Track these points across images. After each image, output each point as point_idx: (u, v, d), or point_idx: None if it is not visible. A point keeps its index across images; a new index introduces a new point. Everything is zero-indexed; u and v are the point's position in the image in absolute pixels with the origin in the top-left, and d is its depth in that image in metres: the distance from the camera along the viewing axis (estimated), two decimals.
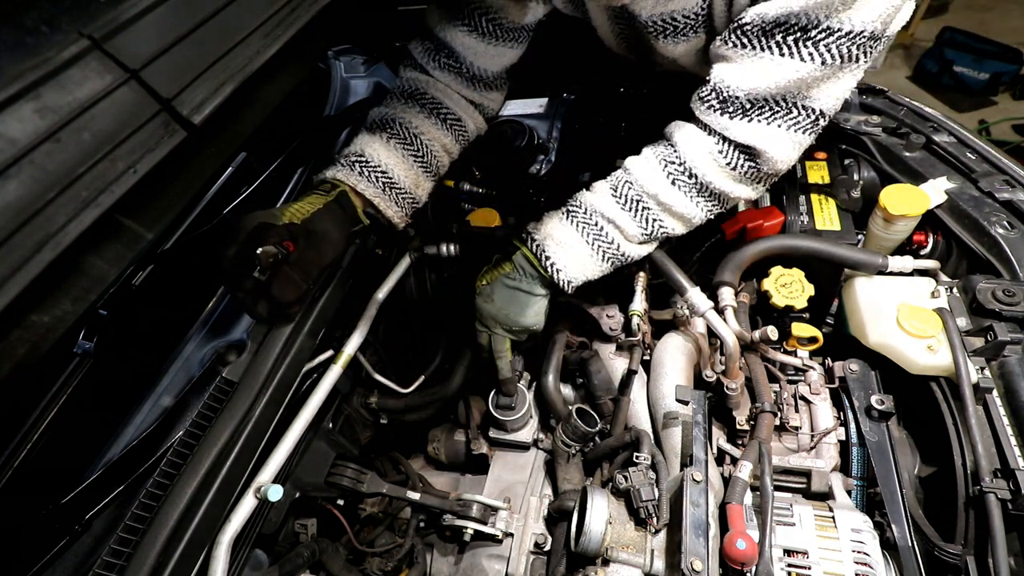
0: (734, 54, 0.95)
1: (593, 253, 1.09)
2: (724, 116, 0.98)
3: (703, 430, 1.03)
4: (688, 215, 1.07)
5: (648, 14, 1.05)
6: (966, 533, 0.94)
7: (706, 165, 1.03)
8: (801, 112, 0.95)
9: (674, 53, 1.13)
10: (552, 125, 1.74)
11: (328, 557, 1.03)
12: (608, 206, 1.08)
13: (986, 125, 3.94)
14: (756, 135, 0.97)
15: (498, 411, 1.15)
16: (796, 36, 0.88)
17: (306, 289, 0.93)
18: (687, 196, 1.05)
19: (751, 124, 0.97)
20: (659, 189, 1.05)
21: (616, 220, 1.07)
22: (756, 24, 0.90)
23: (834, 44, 0.87)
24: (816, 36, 0.87)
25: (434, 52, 1.12)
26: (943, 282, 1.17)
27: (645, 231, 1.08)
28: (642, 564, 0.89)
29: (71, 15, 0.57)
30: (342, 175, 1.04)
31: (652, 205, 1.07)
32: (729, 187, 1.04)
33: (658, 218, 1.07)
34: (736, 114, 0.97)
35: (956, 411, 1.02)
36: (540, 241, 1.09)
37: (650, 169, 1.07)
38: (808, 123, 0.96)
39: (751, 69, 0.93)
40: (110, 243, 0.63)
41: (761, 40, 0.91)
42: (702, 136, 1.03)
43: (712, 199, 1.07)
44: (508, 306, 1.11)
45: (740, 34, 0.93)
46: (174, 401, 1.06)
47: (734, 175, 1.03)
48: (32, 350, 0.57)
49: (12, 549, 0.91)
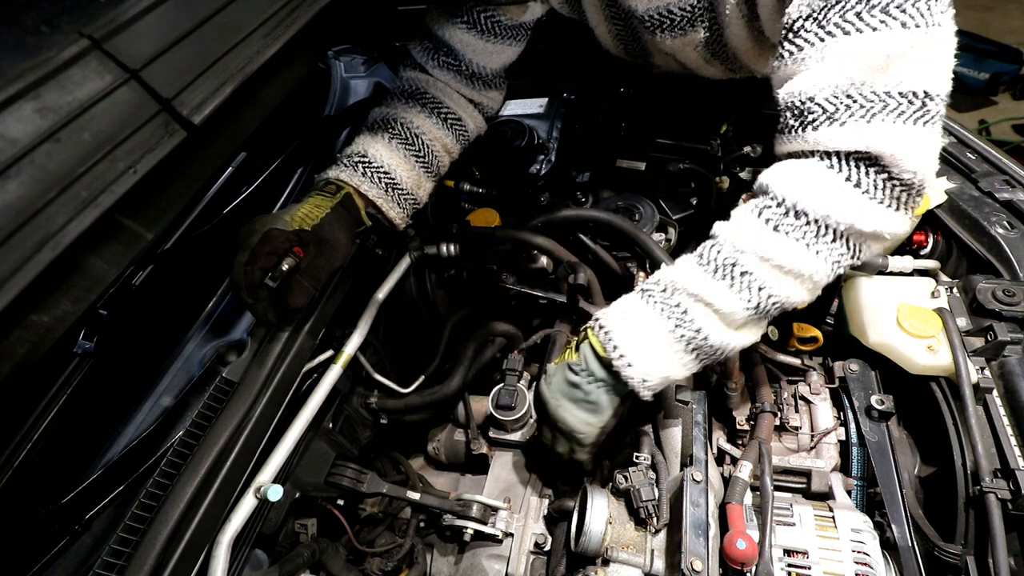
0: (795, 64, 0.79)
1: (674, 343, 0.84)
2: (809, 129, 0.78)
3: (703, 430, 1.03)
4: (805, 270, 0.80)
5: (644, 8, 1.04)
6: (966, 533, 0.94)
7: (816, 191, 0.78)
8: (899, 100, 0.74)
9: (672, 48, 1.12)
10: (552, 125, 1.74)
11: (328, 557, 1.02)
12: (693, 277, 0.83)
13: (986, 125, 3.93)
14: (859, 136, 0.75)
15: (498, 411, 1.15)
16: (857, 9, 0.72)
17: (314, 294, 0.95)
18: (798, 242, 0.79)
19: (844, 127, 0.75)
20: (758, 240, 0.80)
21: (705, 295, 0.82)
22: (804, 15, 0.76)
23: (908, 3, 0.71)
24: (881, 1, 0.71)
25: (433, 51, 1.12)
26: (943, 282, 1.17)
27: (749, 304, 0.81)
28: (642, 564, 0.89)
29: (71, 15, 0.57)
30: (345, 176, 1.04)
31: (751, 264, 0.81)
32: (858, 214, 0.77)
33: (763, 282, 0.81)
34: (821, 122, 0.77)
35: (956, 411, 1.02)
36: (608, 327, 0.87)
37: (742, 221, 0.84)
38: (916, 110, 0.74)
39: (819, 67, 0.76)
40: (110, 243, 0.63)
41: (818, 31, 0.75)
42: (797, 163, 0.82)
43: (838, 240, 0.79)
44: (562, 400, 0.93)
45: (792, 37, 0.78)
46: (174, 401, 1.06)
47: (858, 195, 0.77)
48: (32, 350, 0.57)
49: (12, 549, 0.91)
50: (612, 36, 1.22)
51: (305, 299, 0.93)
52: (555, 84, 1.81)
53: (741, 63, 1.16)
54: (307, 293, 0.93)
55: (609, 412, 0.91)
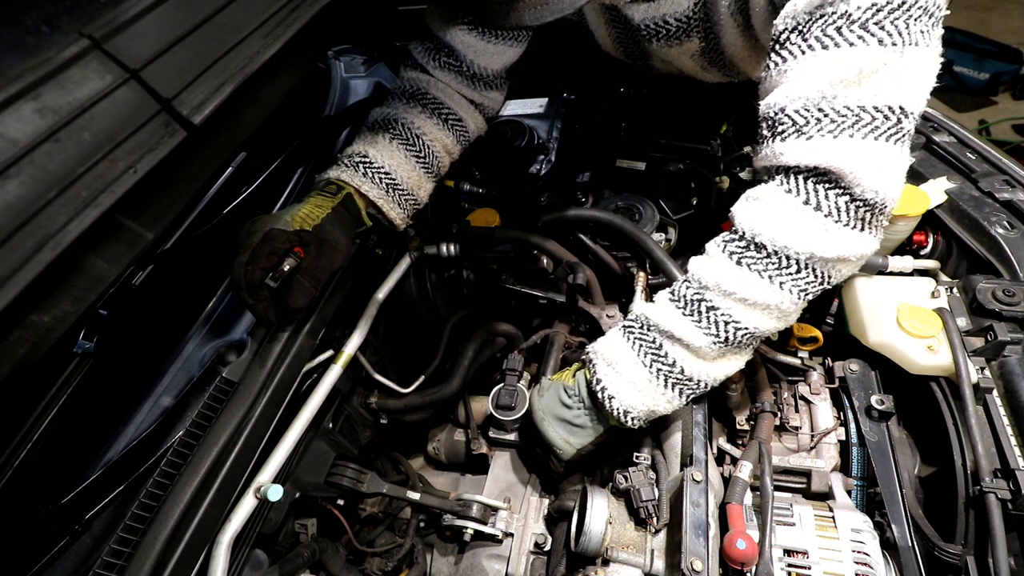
0: (779, 76, 0.79)
1: (652, 378, 0.88)
2: (776, 140, 0.79)
3: (703, 430, 1.03)
4: (769, 301, 0.81)
5: (640, 17, 1.05)
6: (966, 533, 0.94)
7: (773, 222, 0.78)
8: (874, 115, 0.73)
9: (669, 56, 1.13)
10: (552, 125, 1.74)
11: (328, 557, 1.02)
12: (665, 315, 0.88)
13: (986, 125, 3.93)
14: (821, 152, 0.74)
15: (498, 411, 1.15)
16: (838, 24, 0.72)
17: (314, 294, 0.95)
18: (761, 276, 0.80)
19: (811, 141, 0.75)
20: (720, 275, 0.82)
21: (675, 331, 0.86)
22: (790, 27, 0.77)
23: (887, 20, 0.71)
24: (860, 16, 0.71)
25: (434, 51, 1.12)
26: (943, 282, 1.17)
27: (717, 338, 0.84)
28: (642, 564, 0.89)
29: (71, 15, 0.57)
30: (346, 176, 1.04)
31: (716, 300, 0.83)
32: (816, 241, 0.76)
33: (729, 316, 0.83)
34: (789, 134, 0.77)
35: (956, 411, 1.02)
36: (595, 361, 0.94)
37: (708, 256, 0.87)
38: (889, 127, 0.73)
39: (795, 78, 0.76)
40: (110, 243, 0.63)
41: (800, 44, 0.76)
42: (759, 189, 0.83)
43: (801, 271, 0.79)
44: (547, 416, 1.00)
45: (779, 48, 0.79)
46: (174, 401, 1.06)
47: (819, 219, 0.76)
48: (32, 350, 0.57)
49: (12, 549, 0.91)
50: (612, 39, 1.22)
51: (306, 299, 0.93)
52: (555, 84, 1.81)
53: (739, 69, 1.16)
54: (308, 293, 0.93)
55: (590, 437, 0.98)
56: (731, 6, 0.97)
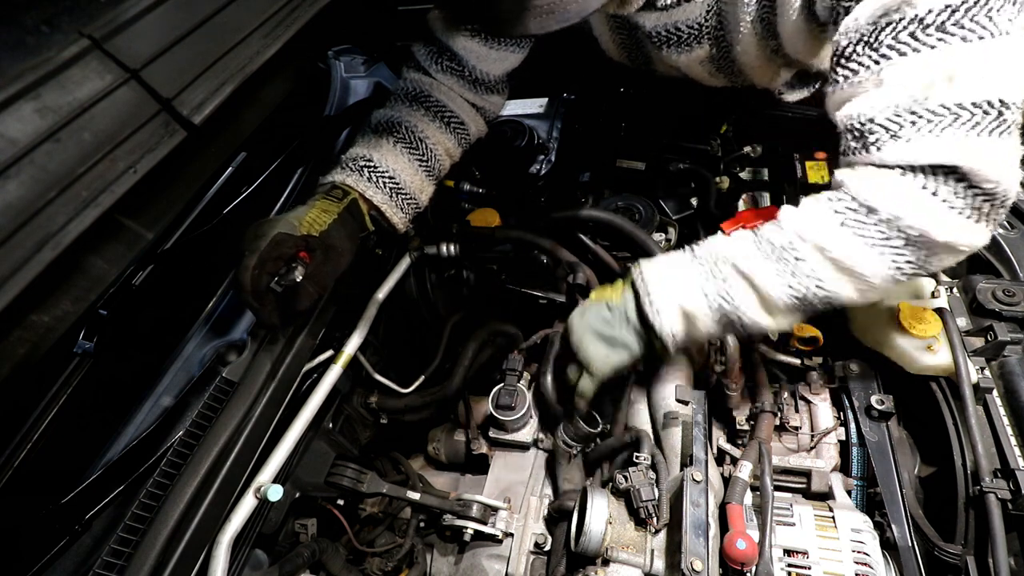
0: (851, 88, 0.77)
1: (708, 312, 0.86)
2: (873, 150, 0.76)
3: (703, 430, 1.03)
4: (862, 269, 0.77)
5: (652, 25, 1.04)
6: (966, 533, 0.94)
7: (891, 193, 0.75)
8: (973, 111, 0.71)
9: (678, 63, 1.12)
10: (552, 125, 1.74)
11: (328, 557, 1.02)
12: (746, 253, 0.83)
13: None
14: (929, 149, 0.72)
15: (498, 411, 1.15)
16: (911, 30, 0.71)
17: (318, 299, 0.94)
18: (863, 239, 0.76)
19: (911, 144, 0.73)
20: (820, 230, 0.79)
21: (752, 273, 0.82)
22: (854, 40, 0.75)
23: (965, 18, 0.68)
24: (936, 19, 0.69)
25: (437, 55, 1.12)
26: (943, 282, 1.17)
27: (794, 292, 0.80)
28: (642, 564, 0.89)
29: (71, 15, 0.57)
30: (351, 180, 1.03)
31: (808, 253, 0.79)
32: (931, 221, 0.74)
33: (816, 273, 0.79)
34: (884, 141, 0.75)
35: (956, 411, 1.02)
36: (646, 274, 0.90)
37: (808, 208, 0.82)
38: (991, 121, 0.71)
39: (877, 90, 0.74)
40: (110, 243, 0.63)
41: (871, 55, 0.74)
42: (875, 168, 0.78)
43: (906, 248, 0.76)
44: (588, 331, 0.96)
45: (845, 62, 0.77)
46: (174, 401, 1.06)
47: (936, 202, 0.74)
48: (32, 350, 0.57)
49: (12, 549, 0.91)
50: (616, 45, 1.22)
51: (309, 303, 0.92)
52: (555, 84, 1.81)
53: (746, 76, 1.16)
54: (311, 298, 0.92)
55: (629, 355, 0.94)
56: (752, 14, 0.96)
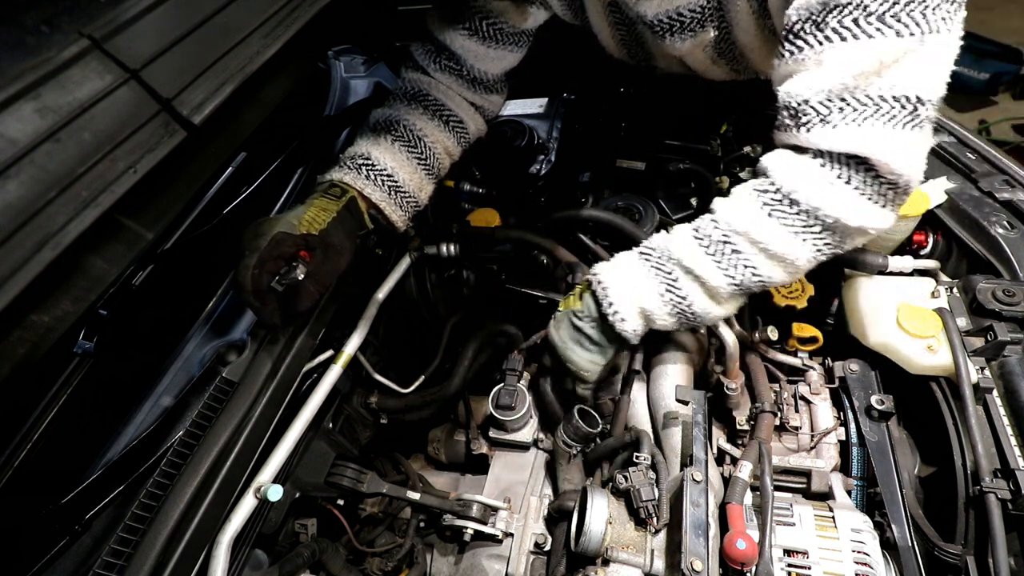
0: (795, 64, 0.82)
1: (661, 306, 0.95)
2: (803, 130, 0.83)
3: (703, 430, 1.03)
4: (789, 255, 0.87)
5: (654, 12, 1.04)
6: (966, 533, 0.94)
7: (809, 184, 0.84)
8: (892, 104, 0.77)
9: (681, 51, 1.12)
10: (552, 125, 1.74)
11: (328, 557, 1.02)
12: (687, 249, 0.92)
13: (986, 125, 3.93)
14: (848, 139, 0.79)
15: (498, 411, 1.15)
16: (855, 15, 0.74)
17: (318, 298, 0.95)
18: (788, 228, 0.86)
19: (836, 130, 0.80)
20: (751, 223, 0.87)
21: (695, 268, 0.91)
22: (804, 18, 0.79)
23: (903, 11, 0.72)
24: (877, 8, 0.73)
25: (435, 54, 1.12)
26: (943, 282, 1.17)
27: (733, 280, 0.90)
28: (642, 564, 0.89)
29: (71, 15, 0.57)
30: (349, 178, 1.03)
31: (742, 245, 0.89)
32: (845, 209, 0.83)
33: (750, 262, 0.89)
34: (814, 124, 0.81)
35: (956, 411, 1.02)
36: (604, 282, 0.98)
37: (739, 202, 0.91)
38: (906, 115, 0.77)
39: (816, 70, 0.80)
40: (110, 243, 0.63)
41: (816, 35, 0.78)
42: (795, 155, 0.87)
43: (824, 232, 0.86)
44: (568, 342, 1.04)
45: (793, 38, 0.81)
46: (174, 401, 1.06)
47: (848, 191, 0.83)
48: (32, 350, 0.57)
49: (12, 549, 0.91)
50: (616, 41, 1.22)
51: (310, 303, 0.93)
52: (555, 84, 1.81)
53: (748, 62, 1.16)
54: (312, 297, 0.93)
55: (611, 352, 1.03)
56: None
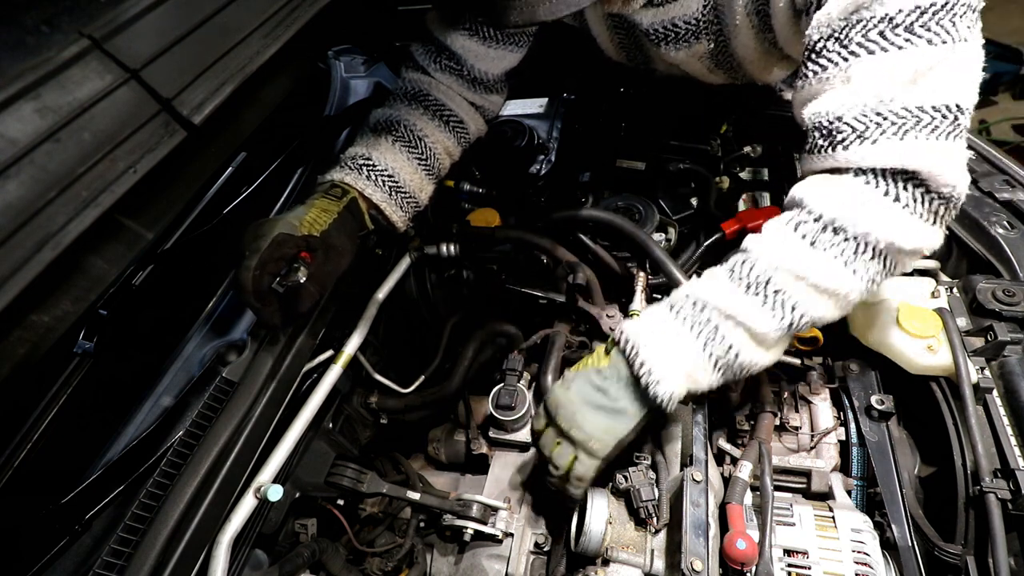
0: (820, 84, 0.78)
1: (704, 361, 0.82)
2: (839, 149, 0.77)
3: (703, 430, 1.03)
4: (841, 288, 0.78)
5: (649, 22, 1.04)
6: (966, 533, 0.93)
7: (856, 208, 0.76)
8: (932, 114, 0.73)
9: (676, 60, 1.12)
10: (552, 125, 1.74)
11: (328, 557, 1.02)
12: (725, 294, 0.81)
13: (986, 125, 3.93)
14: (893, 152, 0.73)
15: (498, 411, 1.15)
16: (880, 28, 0.72)
17: (319, 299, 0.94)
18: (836, 260, 0.77)
19: (876, 145, 0.74)
20: (794, 257, 0.78)
21: (737, 313, 0.80)
22: (825, 36, 0.76)
23: (932, 21, 0.70)
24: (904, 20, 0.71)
25: (435, 54, 1.12)
26: (943, 282, 1.17)
27: (782, 323, 0.79)
28: (642, 564, 0.89)
29: (71, 15, 0.57)
30: (350, 179, 1.03)
31: (785, 282, 0.79)
32: (898, 232, 0.75)
33: (797, 301, 0.79)
34: (851, 141, 0.76)
35: (956, 411, 1.02)
36: (635, 342, 0.84)
37: (775, 236, 0.81)
38: (948, 125, 0.73)
39: (845, 87, 0.75)
40: (110, 243, 0.63)
41: (841, 51, 0.75)
42: (832, 177, 0.79)
43: (876, 258, 0.77)
44: (582, 404, 0.87)
45: (816, 57, 0.78)
46: (174, 401, 1.06)
47: (898, 210, 0.75)
48: (32, 350, 0.57)
49: (12, 549, 0.91)
50: (615, 45, 1.22)
51: (311, 303, 0.92)
52: (555, 84, 1.81)
53: (746, 71, 1.16)
54: (312, 298, 0.92)
55: (633, 422, 0.86)
56: (748, 7, 0.96)
